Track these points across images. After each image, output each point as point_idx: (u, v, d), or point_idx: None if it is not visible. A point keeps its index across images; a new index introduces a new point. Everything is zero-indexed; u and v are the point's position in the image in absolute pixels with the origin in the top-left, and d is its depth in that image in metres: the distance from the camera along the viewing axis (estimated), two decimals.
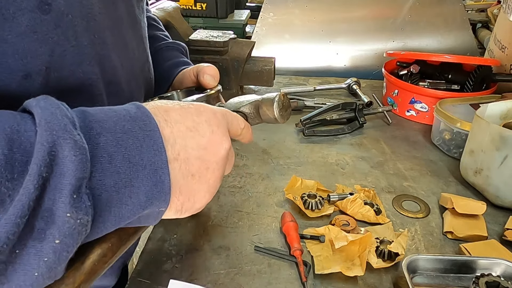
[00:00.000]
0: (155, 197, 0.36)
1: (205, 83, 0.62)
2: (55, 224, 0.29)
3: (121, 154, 0.33)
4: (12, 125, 0.29)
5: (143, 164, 0.34)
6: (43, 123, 0.29)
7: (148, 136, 0.35)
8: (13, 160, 0.28)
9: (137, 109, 0.37)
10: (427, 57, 1.24)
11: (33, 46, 0.38)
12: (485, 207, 0.78)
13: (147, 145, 0.35)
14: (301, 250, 0.70)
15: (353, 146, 1.08)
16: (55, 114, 0.30)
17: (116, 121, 0.34)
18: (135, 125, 0.35)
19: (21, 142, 0.29)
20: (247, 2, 2.73)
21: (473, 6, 2.13)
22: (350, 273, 0.65)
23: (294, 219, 0.76)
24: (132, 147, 0.34)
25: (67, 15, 0.41)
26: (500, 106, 0.92)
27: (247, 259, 0.70)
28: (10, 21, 0.36)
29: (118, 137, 0.33)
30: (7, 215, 0.27)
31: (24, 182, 0.28)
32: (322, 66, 1.59)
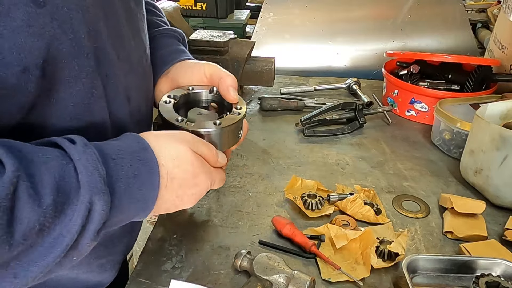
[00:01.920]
0: (138, 216, 0.47)
1: (228, 98, 0.60)
2: (78, 250, 0.40)
3: (128, 195, 0.43)
4: (60, 173, 0.38)
5: (140, 199, 0.45)
6: (86, 185, 0.38)
7: (151, 178, 0.45)
8: (57, 203, 0.37)
9: (144, 150, 0.46)
10: (427, 57, 1.24)
11: (30, 40, 0.38)
12: (484, 206, 0.78)
13: (148, 185, 0.45)
14: (314, 244, 0.70)
15: (353, 146, 1.08)
16: (94, 175, 0.39)
17: (130, 167, 0.43)
18: (143, 169, 0.45)
19: (65, 189, 0.38)
20: (247, 2, 2.73)
21: (473, 6, 2.12)
22: (355, 275, 0.65)
23: (289, 220, 0.76)
24: (136, 188, 0.44)
25: (63, 8, 0.41)
26: (500, 106, 0.92)
27: None
28: (5, 15, 0.36)
29: (130, 182, 0.43)
30: (55, 252, 0.38)
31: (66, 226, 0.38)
32: (322, 66, 1.59)
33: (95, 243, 0.42)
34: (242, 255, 0.66)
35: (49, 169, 0.37)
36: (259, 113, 1.23)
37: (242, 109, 0.59)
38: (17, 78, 0.39)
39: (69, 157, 0.39)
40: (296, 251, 0.72)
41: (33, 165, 0.37)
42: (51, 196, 0.36)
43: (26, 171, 0.36)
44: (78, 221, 0.38)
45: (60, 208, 0.37)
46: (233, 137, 0.60)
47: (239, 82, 1.21)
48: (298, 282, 0.60)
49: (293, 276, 0.61)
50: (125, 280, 0.67)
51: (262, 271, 0.63)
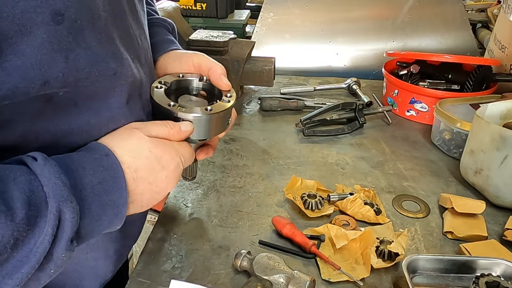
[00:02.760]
0: (114, 223, 0.48)
1: (221, 86, 0.61)
2: (53, 262, 0.41)
3: (96, 202, 0.44)
4: (29, 187, 0.39)
5: (111, 205, 0.46)
6: (51, 195, 0.39)
7: (116, 183, 0.46)
8: (29, 216, 0.38)
9: (106, 157, 0.47)
10: (427, 57, 1.24)
11: (50, 56, 0.40)
12: (484, 206, 0.78)
13: (115, 190, 0.46)
14: (314, 244, 0.71)
15: (353, 146, 1.08)
16: (58, 185, 0.40)
17: (94, 174, 0.44)
18: (107, 174, 0.45)
19: (35, 203, 0.39)
20: (247, 2, 2.73)
21: (473, 6, 2.12)
22: (355, 275, 0.65)
23: (289, 220, 0.76)
24: (103, 194, 0.45)
25: (77, 21, 0.42)
26: (500, 106, 0.92)
27: None
28: (28, 35, 0.38)
29: (95, 188, 0.44)
30: (30, 263, 0.38)
31: (38, 238, 0.39)
32: (322, 66, 1.59)
33: (71, 255, 0.42)
34: (242, 255, 0.66)
35: (18, 185, 0.38)
36: (259, 113, 1.23)
37: (232, 97, 0.60)
38: (38, 90, 0.41)
39: (33, 172, 0.40)
40: (296, 251, 0.72)
41: (2, 182, 0.38)
42: (23, 210, 0.38)
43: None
44: (49, 230, 0.39)
45: (33, 221, 0.38)
46: (222, 124, 0.60)
47: (239, 82, 1.21)
48: (298, 282, 0.60)
49: (293, 276, 0.61)
50: (125, 280, 0.68)
51: (262, 271, 0.63)
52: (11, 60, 0.37)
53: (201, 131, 0.57)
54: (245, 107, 1.27)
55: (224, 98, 0.60)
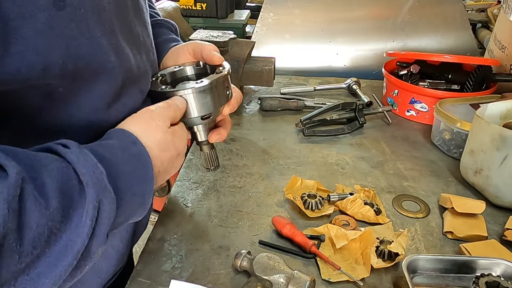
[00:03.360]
0: (138, 214, 0.47)
1: (214, 59, 0.61)
2: (89, 257, 0.39)
3: (129, 191, 0.43)
4: (61, 175, 0.37)
5: (139, 194, 0.45)
6: (90, 185, 0.38)
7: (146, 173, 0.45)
8: (63, 206, 0.36)
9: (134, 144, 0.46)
10: (427, 57, 1.24)
11: (50, 41, 0.40)
12: (484, 206, 0.78)
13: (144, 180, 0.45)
14: (314, 244, 0.71)
15: (353, 146, 1.08)
16: (96, 174, 0.39)
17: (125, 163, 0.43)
18: (137, 164, 0.45)
19: (68, 192, 0.37)
20: (247, 2, 2.73)
21: (473, 6, 2.13)
22: (355, 275, 0.65)
23: (289, 220, 0.76)
24: (135, 184, 0.44)
25: (80, 9, 0.42)
26: (500, 106, 0.92)
27: None
28: (29, 18, 0.37)
29: (128, 177, 0.43)
30: (66, 260, 0.36)
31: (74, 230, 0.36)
32: (322, 66, 1.59)
33: (104, 248, 0.40)
34: (242, 255, 0.66)
35: (50, 172, 0.36)
36: (259, 113, 1.23)
37: (224, 68, 0.60)
38: (39, 76, 0.40)
39: (66, 160, 0.38)
40: (296, 251, 0.72)
41: (33, 169, 0.35)
42: (57, 198, 0.35)
43: (27, 174, 0.34)
44: (88, 222, 0.37)
45: (66, 212, 0.36)
46: (220, 95, 0.59)
47: (239, 82, 1.21)
48: (298, 282, 0.60)
49: (293, 276, 0.61)
50: (130, 271, 0.68)
51: (262, 271, 0.63)
52: (13, 44, 0.37)
53: (200, 105, 0.56)
54: (245, 107, 1.27)
55: (216, 71, 0.60)
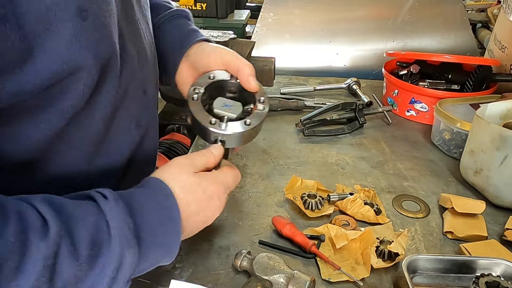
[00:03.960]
0: (164, 261, 0.49)
1: (250, 88, 0.60)
2: None
3: (154, 243, 0.46)
4: (95, 227, 0.40)
5: (165, 245, 0.47)
6: (117, 239, 0.41)
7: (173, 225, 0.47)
8: (91, 256, 0.39)
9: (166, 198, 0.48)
10: (427, 57, 1.24)
11: (79, 52, 0.41)
12: (484, 206, 0.78)
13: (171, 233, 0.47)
14: (314, 244, 0.71)
15: (353, 146, 1.08)
16: (124, 229, 0.42)
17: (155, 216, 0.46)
18: (166, 216, 0.47)
19: (98, 242, 0.40)
20: (247, 2, 2.74)
21: (473, 6, 2.13)
22: (355, 275, 0.65)
23: (289, 220, 0.76)
24: (161, 235, 0.46)
25: (100, 17, 0.43)
26: (500, 106, 0.92)
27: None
28: (55, 32, 0.38)
29: (155, 229, 0.46)
30: None
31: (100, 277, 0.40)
32: (322, 66, 1.59)
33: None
34: (242, 255, 0.66)
35: (86, 224, 0.40)
36: None
37: (265, 102, 0.60)
38: (67, 84, 0.41)
39: (102, 211, 0.42)
40: (296, 251, 0.72)
41: (72, 221, 0.39)
42: (87, 250, 0.39)
43: (66, 228, 0.39)
44: (109, 273, 0.40)
45: (93, 260, 0.40)
46: (258, 131, 0.61)
47: None
48: (298, 282, 0.60)
49: (293, 276, 0.61)
50: None
51: (262, 271, 0.63)
52: (42, 60, 0.38)
53: (240, 141, 0.59)
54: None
55: (258, 105, 0.60)
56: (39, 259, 0.35)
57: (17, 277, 0.34)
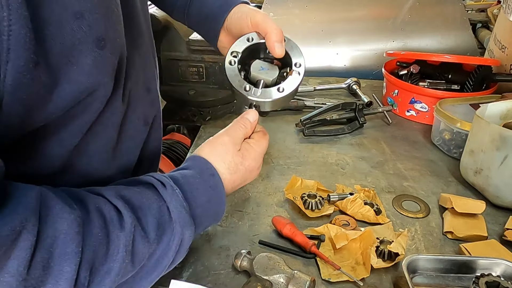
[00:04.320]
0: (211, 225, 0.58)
1: (276, 54, 0.60)
2: (173, 263, 0.52)
3: (205, 216, 0.54)
4: (159, 212, 0.49)
5: (214, 216, 0.56)
6: (177, 222, 0.49)
7: (220, 199, 0.55)
8: (158, 236, 0.48)
9: (212, 177, 0.55)
10: (427, 57, 1.24)
11: (99, 78, 0.43)
12: (484, 206, 0.78)
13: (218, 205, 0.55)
14: (314, 244, 0.71)
15: (353, 146, 1.08)
16: (182, 212, 0.50)
17: (204, 194, 0.53)
18: (214, 194, 0.54)
19: (162, 224, 0.49)
20: None
21: (473, 6, 2.13)
22: (355, 275, 0.65)
23: (289, 220, 0.76)
24: (211, 209, 0.54)
25: (115, 39, 0.45)
26: (500, 106, 0.92)
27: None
28: (76, 64, 0.40)
29: (205, 206, 0.53)
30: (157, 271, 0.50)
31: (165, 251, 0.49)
32: (322, 66, 1.59)
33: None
34: (242, 255, 0.66)
35: (152, 211, 0.48)
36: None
37: (301, 66, 0.62)
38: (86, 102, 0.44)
39: (163, 199, 0.50)
40: (296, 251, 0.72)
41: (141, 211, 0.47)
42: (154, 232, 0.48)
43: (137, 216, 0.47)
44: (173, 248, 0.49)
45: (159, 238, 0.48)
46: (291, 97, 0.63)
47: None
48: (298, 282, 0.60)
49: (293, 276, 0.61)
50: None
51: (262, 271, 0.63)
52: (66, 89, 0.40)
53: (274, 106, 0.62)
54: (245, 107, 1.26)
55: (293, 71, 0.61)
56: (122, 247, 0.44)
57: (107, 261, 0.43)
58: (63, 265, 0.39)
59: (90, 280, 0.42)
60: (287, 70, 0.62)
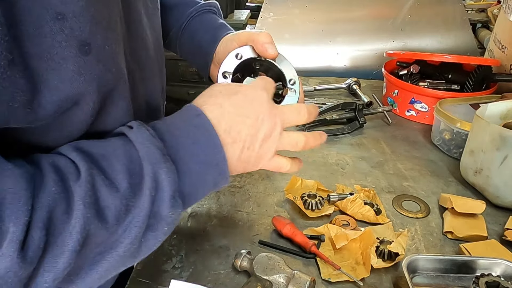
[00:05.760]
0: (219, 181, 0.48)
1: (268, 55, 0.57)
2: (164, 220, 0.44)
3: (194, 161, 0.45)
4: (127, 158, 0.43)
5: (210, 163, 0.46)
6: (146, 159, 0.42)
7: (210, 141, 0.46)
8: (133, 184, 0.42)
9: (197, 117, 0.47)
10: (427, 57, 1.24)
11: (82, 86, 0.40)
12: (484, 206, 0.78)
13: (210, 148, 0.46)
14: (314, 244, 0.71)
15: (353, 146, 1.08)
16: (151, 148, 0.43)
17: (187, 135, 0.46)
18: (200, 134, 0.46)
19: (135, 171, 0.42)
20: (247, 2, 2.74)
21: (473, 6, 2.13)
22: (355, 275, 0.65)
23: (289, 220, 0.76)
24: (200, 153, 0.46)
25: (105, 47, 0.42)
26: (500, 106, 0.92)
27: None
28: (58, 69, 0.38)
29: (190, 149, 0.45)
30: (135, 222, 0.42)
31: (141, 199, 0.42)
32: (322, 66, 1.59)
33: (179, 211, 0.45)
34: (242, 255, 0.66)
35: (118, 157, 0.42)
36: None
37: (295, 84, 0.58)
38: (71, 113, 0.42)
39: (129, 140, 0.44)
40: (296, 251, 0.72)
41: (104, 159, 0.42)
42: (125, 180, 0.42)
43: (98, 166, 0.41)
44: (147, 192, 0.42)
45: (138, 187, 0.42)
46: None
47: None
48: (298, 282, 0.60)
49: (293, 276, 0.61)
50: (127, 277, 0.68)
51: (262, 271, 0.63)
52: (46, 96, 0.38)
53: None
54: None
55: (289, 87, 0.57)
56: (79, 200, 0.39)
57: (69, 219, 0.38)
58: (8, 225, 0.35)
59: (49, 240, 0.37)
60: (281, 86, 0.59)
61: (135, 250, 0.44)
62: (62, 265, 0.38)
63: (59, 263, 0.38)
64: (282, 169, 0.56)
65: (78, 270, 0.41)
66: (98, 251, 0.42)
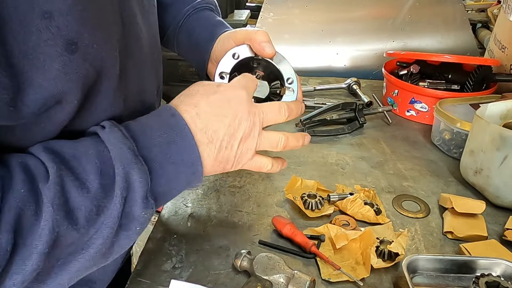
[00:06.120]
0: (192, 181, 0.48)
1: (267, 54, 0.56)
2: (136, 220, 0.44)
3: (168, 161, 0.45)
4: (99, 158, 0.42)
5: (184, 162, 0.46)
6: (117, 160, 0.42)
7: (185, 140, 0.46)
8: (104, 185, 0.41)
9: (172, 117, 0.46)
10: (427, 57, 1.24)
11: (67, 85, 0.40)
12: (484, 206, 0.78)
13: (185, 147, 0.46)
14: (314, 244, 0.71)
15: (353, 146, 1.08)
16: (123, 149, 0.42)
17: (161, 135, 0.45)
18: (175, 134, 0.45)
19: (107, 171, 0.42)
20: (247, 2, 2.74)
21: (473, 6, 2.13)
22: (355, 275, 0.65)
23: (289, 220, 0.76)
24: (174, 153, 0.45)
25: (92, 46, 0.41)
26: (500, 106, 0.92)
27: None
28: (42, 68, 0.37)
29: (164, 149, 0.45)
30: (106, 223, 0.41)
31: (112, 200, 0.41)
32: (322, 66, 1.59)
33: (152, 212, 0.44)
34: (242, 255, 0.66)
35: (89, 158, 0.42)
36: None
37: (293, 83, 0.57)
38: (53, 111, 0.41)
39: (101, 140, 0.43)
40: (296, 251, 0.72)
41: (74, 159, 0.41)
42: (97, 180, 0.41)
43: (68, 167, 0.41)
44: (118, 193, 0.41)
45: (109, 188, 0.41)
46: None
47: None
48: (298, 282, 0.60)
49: (293, 276, 0.61)
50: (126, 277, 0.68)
51: (262, 271, 0.63)
52: (29, 94, 0.37)
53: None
54: None
55: (287, 86, 0.56)
56: (47, 202, 0.38)
57: (38, 221, 0.38)
58: None
59: (18, 243, 0.37)
60: (279, 85, 0.58)
61: (107, 250, 0.43)
62: (30, 267, 0.38)
63: (28, 265, 0.37)
64: (263, 169, 0.56)
65: (48, 271, 0.40)
66: (68, 252, 0.41)
